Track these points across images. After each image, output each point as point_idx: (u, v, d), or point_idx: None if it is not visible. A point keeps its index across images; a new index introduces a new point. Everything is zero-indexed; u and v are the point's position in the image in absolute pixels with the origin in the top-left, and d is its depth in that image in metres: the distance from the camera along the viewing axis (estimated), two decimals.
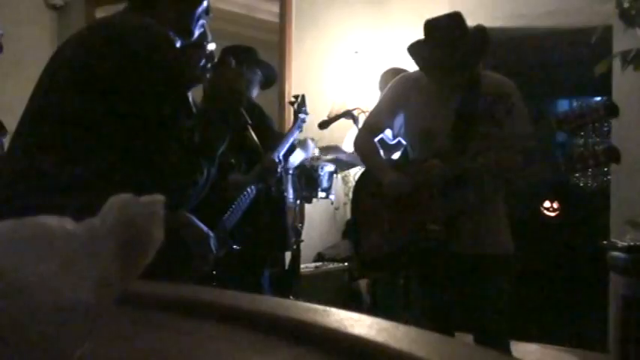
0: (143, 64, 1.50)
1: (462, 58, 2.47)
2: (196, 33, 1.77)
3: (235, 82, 1.75)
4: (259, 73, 3.32)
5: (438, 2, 3.62)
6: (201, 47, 2.35)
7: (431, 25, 2.50)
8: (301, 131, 3.33)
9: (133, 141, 1.51)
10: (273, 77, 3.51)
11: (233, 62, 1.82)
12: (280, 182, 3.15)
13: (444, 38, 2.46)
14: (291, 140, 3.20)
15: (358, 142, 2.80)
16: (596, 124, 6.91)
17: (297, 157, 3.27)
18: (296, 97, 3.36)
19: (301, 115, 3.27)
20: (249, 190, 2.80)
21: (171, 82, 1.55)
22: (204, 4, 1.75)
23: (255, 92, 3.31)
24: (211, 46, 2.40)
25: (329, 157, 3.99)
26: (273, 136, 3.24)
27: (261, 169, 2.91)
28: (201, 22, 1.77)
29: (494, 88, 2.51)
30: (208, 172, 1.65)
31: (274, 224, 3.14)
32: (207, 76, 2.43)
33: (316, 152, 4.33)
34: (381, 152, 2.76)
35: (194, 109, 1.64)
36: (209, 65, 2.41)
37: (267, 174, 2.93)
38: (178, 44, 1.71)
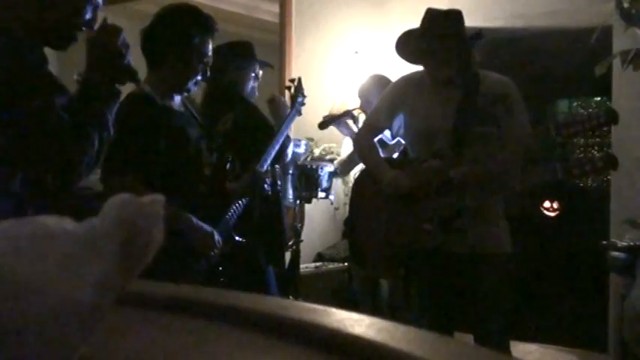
0: None
1: (451, 47, 2.48)
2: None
3: (112, 40, 1.69)
4: (256, 68, 3.21)
5: (439, 2, 3.62)
6: (200, 63, 2.38)
7: (429, 13, 2.52)
8: (300, 115, 3.17)
9: (18, 126, 1.56)
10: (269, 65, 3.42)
11: (106, 20, 1.74)
12: (276, 183, 3.00)
13: (438, 23, 2.47)
14: (289, 126, 3.02)
15: (358, 141, 2.81)
16: None
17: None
18: (292, 80, 3.20)
19: (299, 99, 3.10)
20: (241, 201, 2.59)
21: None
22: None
23: (251, 85, 3.19)
24: (208, 61, 2.42)
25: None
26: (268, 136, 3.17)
27: (249, 181, 2.61)
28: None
29: (493, 87, 2.51)
30: (100, 139, 1.66)
31: (271, 224, 3.11)
32: (196, 85, 2.46)
33: (316, 152, 4.32)
34: (380, 152, 2.77)
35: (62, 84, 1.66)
36: (202, 78, 2.44)
37: (253, 188, 2.62)
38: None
